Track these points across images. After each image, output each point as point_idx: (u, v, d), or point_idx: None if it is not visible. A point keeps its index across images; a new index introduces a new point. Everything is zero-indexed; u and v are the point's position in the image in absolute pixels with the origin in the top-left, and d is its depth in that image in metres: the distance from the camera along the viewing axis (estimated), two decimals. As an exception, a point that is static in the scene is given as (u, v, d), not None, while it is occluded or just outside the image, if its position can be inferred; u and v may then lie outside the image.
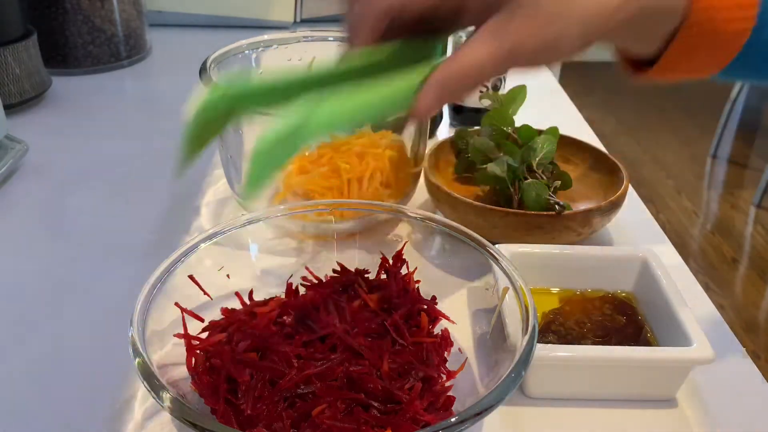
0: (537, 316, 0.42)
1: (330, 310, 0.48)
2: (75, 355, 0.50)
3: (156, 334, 0.43)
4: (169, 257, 0.46)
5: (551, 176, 0.65)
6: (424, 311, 0.48)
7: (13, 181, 0.72)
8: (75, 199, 0.70)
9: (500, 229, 0.58)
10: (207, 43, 0.73)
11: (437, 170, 0.68)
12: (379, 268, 0.51)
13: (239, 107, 0.41)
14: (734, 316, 1.83)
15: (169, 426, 0.44)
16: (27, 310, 0.54)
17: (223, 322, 0.46)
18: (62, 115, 0.87)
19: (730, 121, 2.60)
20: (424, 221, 0.52)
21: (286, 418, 0.39)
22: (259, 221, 0.52)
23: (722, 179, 2.53)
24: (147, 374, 0.38)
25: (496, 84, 0.81)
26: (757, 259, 2.07)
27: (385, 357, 0.43)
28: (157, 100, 0.95)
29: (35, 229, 0.65)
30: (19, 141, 0.74)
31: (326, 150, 0.62)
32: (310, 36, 0.70)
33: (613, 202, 0.60)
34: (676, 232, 2.18)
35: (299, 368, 0.42)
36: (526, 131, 0.68)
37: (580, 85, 3.10)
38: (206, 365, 0.43)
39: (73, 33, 0.96)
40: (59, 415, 0.45)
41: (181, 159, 0.42)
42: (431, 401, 0.42)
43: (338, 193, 0.61)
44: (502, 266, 0.46)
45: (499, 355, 0.45)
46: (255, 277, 0.52)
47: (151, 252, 0.61)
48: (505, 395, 0.37)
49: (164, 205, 0.68)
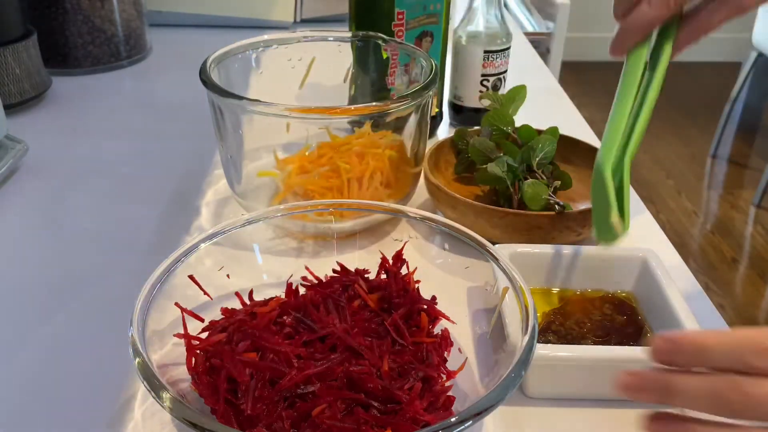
0: (537, 316, 0.42)
1: (330, 310, 0.48)
2: (75, 355, 0.50)
3: (156, 334, 0.43)
4: (169, 257, 0.46)
5: (551, 176, 0.65)
6: (424, 311, 0.48)
7: (13, 181, 0.72)
8: (75, 198, 0.70)
9: (500, 229, 0.58)
10: (207, 43, 0.73)
11: (437, 170, 0.68)
12: (379, 268, 0.51)
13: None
14: (734, 316, 1.83)
15: (169, 426, 0.44)
16: (27, 309, 0.54)
17: (223, 322, 0.46)
18: (62, 115, 0.87)
19: (730, 121, 2.59)
20: (424, 221, 0.52)
21: (286, 418, 0.39)
22: (259, 221, 0.52)
23: (722, 179, 2.53)
24: (147, 374, 0.38)
25: (496, 84, 0.81)
26: (757, 259, 2.07)
27: (385, 357, 0.43)
28: (157, 100, 0.95)
29: (35, 229, 0.65)
30: (19, 141, 0.74)
31: (326, 150, 0.62)
32: (310, 36, 0.70)
33: (613, 202, 0.60)
34: (676, 232, 2.18)
35: (299, 368, 0.42)
36: (526, 131, 0.68)
37: (580, 85, 3.10)
38: (206, 365, 0.43)
39: (73, 33, 0.96)
40: (59, 415, 0.45)
41: (603, 233, 0.47)
42: (431, 401, 0.42)
43: (338, 193, 0.61)
44: (502, 266, 0.46)
45: (499, 355, 0.45)
46: (255, 277, 0.52)
47: (151, 252, 0.61)
48: (505, 395, 0.37)
49: (164, 205, 0.68)
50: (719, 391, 0.32)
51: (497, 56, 0.79)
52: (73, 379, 0.48)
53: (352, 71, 0.73)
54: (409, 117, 0.60)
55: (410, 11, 0.73)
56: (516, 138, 0.68)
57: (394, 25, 0.73)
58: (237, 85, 0.65)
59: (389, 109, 0.57)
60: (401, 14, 0.72)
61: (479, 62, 0.79)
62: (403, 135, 0.61)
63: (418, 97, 0.58)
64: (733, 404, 0.32)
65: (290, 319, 0.47)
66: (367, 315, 0.48)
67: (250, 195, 0.64)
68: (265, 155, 0.64)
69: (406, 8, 0.72)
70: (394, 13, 0.72)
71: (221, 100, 0.57)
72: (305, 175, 0.62)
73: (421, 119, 0.61)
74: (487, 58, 0.79)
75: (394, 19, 0.72)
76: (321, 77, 0.71)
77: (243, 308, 0.49)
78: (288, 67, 0.70)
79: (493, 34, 0.79)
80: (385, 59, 0.71)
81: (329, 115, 0.56)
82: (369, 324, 0.47)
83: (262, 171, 0.63)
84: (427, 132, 0.64)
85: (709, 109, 2.85)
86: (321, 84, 0.72)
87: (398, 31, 0.73)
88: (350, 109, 0.59)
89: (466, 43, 0.80)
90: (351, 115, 0.58)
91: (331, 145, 0.62)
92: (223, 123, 0.60)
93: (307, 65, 0.70)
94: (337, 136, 0.62)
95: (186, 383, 0.43)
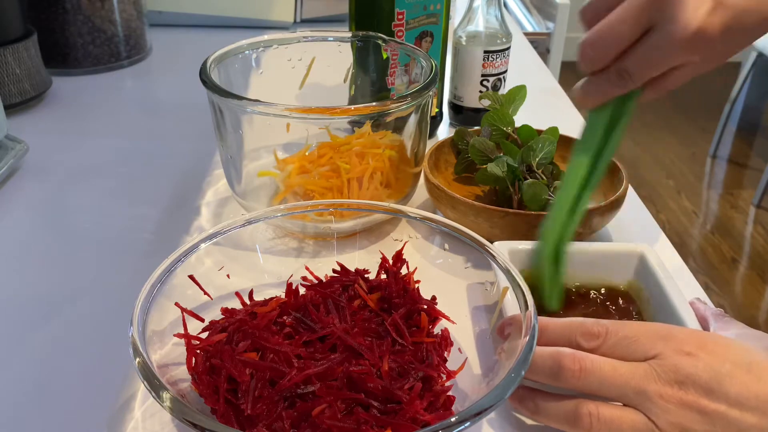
0: (537, 316, 0.42)
1: (330, 310, 0.48)
2: (75, 355, 0.50)
3: (156, 334, 0.43)
4: (169, 257, 0.46)
5: (551, 176, 0.65)
6: (424, 311, 0.48)
7: (13, 181, 0.72)
8: (75, 199, 0.70)
9: (500, 229, 0.58)
10: (207, 43, 0.73)
11: (437, 170, 0.68)
12: (379, 268, 0.51)
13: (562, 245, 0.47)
14: (734, 316, 1.83)
15: (169, 426, 0.44)
16: (27, 309, 0.54)
17: (223, 322, 0.46)
18: (62, 115, 0.87)
19: (730, 121, 2.60)
20: (424, 221, 0.52)
21: (286, 418, 0.39)
22: (259, 221, 0.52)
23: (722, 179, 2.53)
24: (147, 374, 0.38)
25: (496, 84, 0.81)
26: (757, 259, 2.07)
27: (385, 357, 0.43)
28: (157, 100, 0.95)
29: (35, 229, 0.65)
30: (19, 141, 0.74)
31: (326, 150, 0.62)
32: (310, 36, 0.70)
33: (613, 202, 0.60)
34: (676, 232, 2.18)
35: (299, 368, 0.42)
36: (526, 131, 0.68)
37: (580, 85, 3.10)
38: (206, 365, 0.43)
39: (73, 33, 0.96)
40: (59, 415, 0.45)
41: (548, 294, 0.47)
42: (431, 401, 0.42)
43: (338, 193, 0.61)
44: (502, 266, 0.46)
45: (499, 355, 0.45)
46: (255, 277, 0.52)
47: (151, 252, 0.61)
48: (505, 395, 0.37)
49: (164, 205, 0.68)
50: (558, 358, 0.40)
51: (497, 56, 0.79)
52: (73, 379, 0.48)
53: (352, 71, 0.73)
54: (409, 117, 0.60)
55: (410, 11, 0.73)
56: (516, 138, 0.68)
57: (394, 25, 0.73)
58: (237, 85, 0.65)
59: (389, 109, 0.57)
60: (401, 14, 0.72)
61: (479, 62, 0.79)
62: (403, 135, 0.61)
63: (418, 97, 0.58)
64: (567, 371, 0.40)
65: (290, 319, 0.47)
66: (367, 315, 0.48)
67: (250, 195, 0.64)
68: (265, 155, 0.64)
69: (406, 8, 0.72)
70: (394, 13, 0.72)
71: (221, 100, 0.57)
72: (305, 175, 0.62)
73: (421, 119, 0.61)
74: (487, 58, 0.79)
75: (394, 19, 0.72)
76: (321, 77, 0.71)
77: (243, 308, 0.49)
78: (288, 67, 0.70)
79: (493, 34, 0.79)
80: (385, 59, 0.71)
81: (329, 115, 0.56)
82: (369, 324, 0.47)
83: (262, 171, 0.63)
84: (427, 132, 0.64)
85: (709, 109, 2.85)
86: (321, 84, 0.72)
87: (398, 31, 0.73)
88: (350, 109, 0.59)
89: (466, 43, 0.80)
90: (351, 115, 0.58)
91: (331, 145, 0.62)
92: (223, 123, 0.60)
93: (307, 65, 0.70)
94: (337, 136, 0.62)
95: (186, 383, 0.43)
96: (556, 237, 0.46)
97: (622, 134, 0.46)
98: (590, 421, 0.39)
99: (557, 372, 0.40)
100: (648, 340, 0.40)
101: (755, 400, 0.37)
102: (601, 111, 0.46)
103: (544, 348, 0.42)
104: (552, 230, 0.46)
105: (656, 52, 0.41)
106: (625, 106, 0.46)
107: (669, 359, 0.39)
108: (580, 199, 0.46)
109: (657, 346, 0.39)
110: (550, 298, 0.47)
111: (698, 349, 0.39)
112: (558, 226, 0.46)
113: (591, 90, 0.45)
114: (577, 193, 0.46)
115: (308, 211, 0.55)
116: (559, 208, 0.46)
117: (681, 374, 0.38)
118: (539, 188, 0.60)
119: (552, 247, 0.46)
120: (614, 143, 0.46)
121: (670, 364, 0.38)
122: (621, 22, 0.41)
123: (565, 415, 0.40)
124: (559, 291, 0.47)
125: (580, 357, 0.40)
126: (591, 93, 0.46)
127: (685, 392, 0.38)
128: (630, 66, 0.43)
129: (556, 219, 0.46)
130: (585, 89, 0.46)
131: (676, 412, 0.38)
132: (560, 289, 0.47)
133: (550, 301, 0.47)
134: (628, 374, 0.39)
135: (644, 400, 0.38)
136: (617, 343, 0.40)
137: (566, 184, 0.46)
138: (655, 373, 0.38)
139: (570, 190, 0.46)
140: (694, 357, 0.38)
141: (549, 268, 0.46)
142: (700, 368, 0.38)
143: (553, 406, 0.41)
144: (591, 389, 0.40)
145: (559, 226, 0.46)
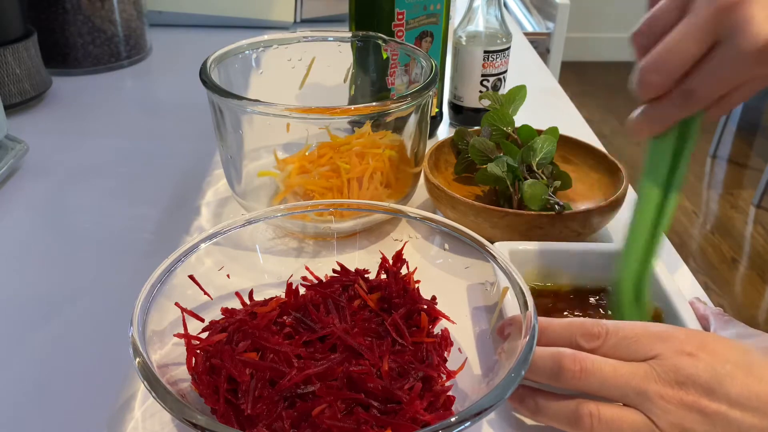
0: (537, 316, 0.42)
1: (330, 310, 0.48)
2: (75, 355, 0.50)
3: (156, 334, 0.43)
4: (169, 257, 0.46)
5: (551, 176, 0.65)
6: (424, 311, 0.48)
7: (13, 181, 0.72)
8: (75, 199, 0.70)
9: (500, 229, 0.58)
10: (207, 43, 0.73)
11: (437, 170, 0.68)
12: (379, 268, 0.51)
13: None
14: (734, 316, 1.83)
15: (169, 426, 0.44)
16: (27, 309, 0.54)
17: (223, 322, 0.46)
18: (62, 115, 0.87)
19: (730, 121, 2.60)
20: (424, 221, 0.52)
21: (286, 418, 0.39)
22: (259, 221, 0.52)
23: (722, 179, 2.53)
24: (147, 374, 0.38)
25: (496, 84, 0.81)
26: (756, 259, 2.07)
27: (385, 357, 0.43)
28: (157, 100, 0.95)
29: (35, 229, 0.65)
30: (19, 141, 0.74)
31: (326, 150, 0.62)
32: (310, 36, 0.70)
33: (612, 202, 0.60)
34: (675, 232, 2.18)
35: (299, 368, 0.42)
36: (526, 131, 0.68)
37: (580, 85, 3.10)
38: (206, 365, 0.43)
39: (73, 33, 0.96)
40: (59, 415, 0.45)
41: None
42: (431, 401, 0.42)
43: (338, 193, 0.61)
44: (502, 266, 0.46)
45: (499, 355, 0.45)
46: (255, 277, 0.52)
47: (151, 252, 0.61)
48: (505, 395, 0.37)
49: (164, 205, 0.68)
50: (558, 359, 0.40)
51: (497, 56, 0.79)
52: (73, 379, 0.48)
53: (352, 71, 0.73)
54: (409, 117, 0.60)
55: (410, 11, 0.73)
56: (516, 138, 0.68)
57: (394, 25, 0.73)
58: (237, 85, 0.65)
59: (389, 109, 0.57)
60: (401, 14, 0.72)
61: (479, 62, 0.79)
62: (403, 135, 0.61)
63: (418, 97, 0.58)
64: (567, 371, 0.40)
65: (290, 319, 0.47)
66: (367, 315, 0.48)
67: (250, 195, 0.64)
68: (265, 155, 0.64)
69: (406, 8, 0.72)
70: (394, 13, 0.72)
71: (221, 100, 0.57)
72: (305, 175, 0.62)
73: (421, 119, 0.61)
74: (487, 58, 0.79)
75: (394, 19, 0.72)
76: (321, 77, 0.71)
77: (243, 308, 0.49)
78: (288, 67, 0.70)
79: (493, 34, 0.79)
80: (385, 59, 0.71)
81: (329, 115, 0.56)
82: (369, 324, 0.47)
83: (262, 171, 0.63)
84: (427, 132, 0.64)
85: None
86: (321, 84, 0.72)
87: (398, 31, 0.73)
88: (350, 109, 0.59)
89: (466, 43, 0.80)
90: (351, 115, 0.58)
91: (331, 145, 0.62)
92: (223, 123, 0.60)
93: (307, 65, 0.70)
94: (337, 136, 0.62)
95: (186, 383, 0.43)
96: (635, 275, 0.46)
97: (689, 159, 0.44)
98: (591, 422, 0.39)
99: (557, 372, 0.40)
100: (648, 340, 0.40)
101: (756, 401, 0.37)
102: (664, 137, 0.44)
103: (544, 348, 0.41)
104: (630, 268, 0.46)
105: (725, 68, 0.39)
106: (690, 129, 0.43)
107: (669, 360, 0.39)
108: (655, 234, 0.45)
109: (657, 346, 0.39)
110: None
111: (698, 350, 0.39)
112: (635, 263, 0.45)
113: (654, 117, 0.43)
114: (651, 227, 0.45)
115: (308, 211, 0.55)
116: (635, 244, 0.45)
117: (681, 374, 0.38)
118: (539, 188, 0.60)
119: (632, 285, 0.46)
120: (683, 169, 0.44)
121: (670, 365, 0.38)
122: (684, 40, 0.39)
123: (565, 415, 0.40)
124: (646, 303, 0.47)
125: (581, 357, 0.40)
126: (654, 120, 0.43)
127: (686, 393, 0.38)
128: (697, 86, 0.40)
129: (634, 256, 0.45)
130: (647, 117, 0.43)
131: (677, 412, 0.38)
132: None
133: None
134: (628, 375, 0.39)
135: (645, 401, 0.38)
136: (617, 343, 0.40)
137: (639, 219, 0.45)
138: (656, 374, 0.38)
139: (644, 224, 0.45)
140: (695, 357, 0.38)
141: (629, 307, 0.46)
142: (700, 368, 0.38)
143: (553, 406, 0.41)
144: (591, 390, 0.40)
145: (636, 264, 0.45)
